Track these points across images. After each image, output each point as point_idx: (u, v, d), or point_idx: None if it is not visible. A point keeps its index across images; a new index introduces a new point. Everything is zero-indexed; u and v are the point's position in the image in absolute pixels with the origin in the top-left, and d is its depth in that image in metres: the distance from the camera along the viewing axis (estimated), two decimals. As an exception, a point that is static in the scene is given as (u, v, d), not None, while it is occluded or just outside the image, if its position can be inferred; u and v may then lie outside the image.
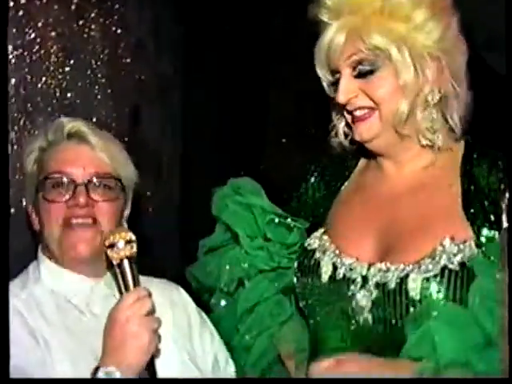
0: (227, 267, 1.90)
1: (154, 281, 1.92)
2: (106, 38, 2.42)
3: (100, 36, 2.39)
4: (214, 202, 1.94)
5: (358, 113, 1.70)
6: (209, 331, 1.93)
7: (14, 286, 1.75)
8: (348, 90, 1.68)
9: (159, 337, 1.64)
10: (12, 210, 2.06)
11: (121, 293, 1.67)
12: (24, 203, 1.93)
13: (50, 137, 1.81)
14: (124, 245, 1.66)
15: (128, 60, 2.48)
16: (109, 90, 2.43)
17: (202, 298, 1.96)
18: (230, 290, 1.90)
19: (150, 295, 1.65)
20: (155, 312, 1.65)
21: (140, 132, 2.54)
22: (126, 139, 2.45)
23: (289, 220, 1.89)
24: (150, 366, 1.62)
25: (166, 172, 2.62)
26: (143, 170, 2.52)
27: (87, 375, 1.55)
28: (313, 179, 1.94)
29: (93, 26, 2.37)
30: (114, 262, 1.67)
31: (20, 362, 1.49)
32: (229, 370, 1.92)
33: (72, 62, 2.32)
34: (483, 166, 1.69)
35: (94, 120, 2.35)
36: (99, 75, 2.40)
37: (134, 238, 1.68)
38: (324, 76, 1.75)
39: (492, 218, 1.62)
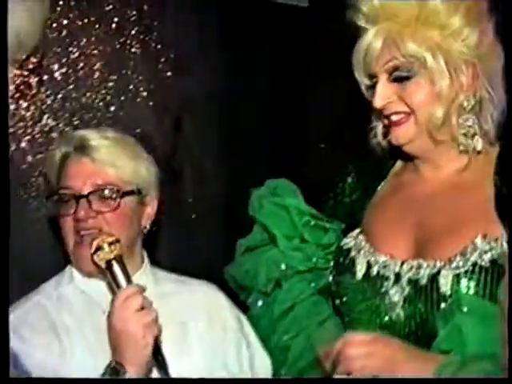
0: (264, 267, 1.91)
1: (192, 282, 1.98)
2: (147, 54, 2.46)
3: (140, 52, 2.42)
4: (251, 202, 1.96)
5: (394, 117, 1.72)
6: (245, 336, 1.94)
7: (49, 286, 1.86)
8: (384, 95, 1.70)
9: (160, 328, 1.68)
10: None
11: (114, 293, 1.72)
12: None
13: (62, 150, 1.84)
14: (108, 247, 1.71)
15: (168, 74, 2.50)
16: (150, 103, 2.47)
17: (240, 298, 1.98)
18: (267, 291, 1.91)
19: (142, 291, 1.69)
20: (150, 305, 1.69)
21: (182, 141, 2.57)
22: (169, 148, 2.52)
23: (325, 221, 1.91)
24: (157, 355, 1.67)
25: (210, 178, 2.64)
26: (186, 176, 2.58)
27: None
28: (350, 179, 1.95)
29: (133, 43, 2.41)
30: (103, 266, 1.72)
31: (40, 355, 1.58)
32: (266, 374, 1.93)
33: (114, 77, 2.39)
34: None
35: (138, 131, 2.39)
36: (141, 89, 2.43)
37: (115, 238, 1.73)
38: (361, 80, 1.76)
39: None
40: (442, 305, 1.62)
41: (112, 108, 2.38)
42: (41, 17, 1.28)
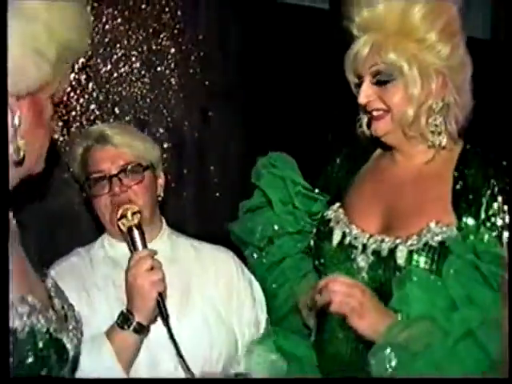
0: (261, 226, 2.10)
1: (207, 247, 2.17)
2: (179, 53, 2.60)
3: (173, 52, 2.59)
4: (254, 170, 2.13)
5: (374, 113, 1.90)
6: (251, 294, 2.10)
7: (82, 249, 2.10)
8: (367, 94, 1.88)
9: (165, 286, 1.86)
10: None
11: (132, 254, 1.89)
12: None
13: (84, 144, 2.03)
14: (131, 215, 1.91)
15: (197, 70, 2.66)
16: (181, 95, 2.63)
17: (241, 250, 2.16)
18: (261, 246, 2.10)
19: (153, 254, 1.86)
20: (160, 266, 1.86)
21: (208, 129, 2.71)
22: (196, 135, 2.71)
23: (314, 192, 2.09)
24: (160, 306, 1.84)
25: (232, 163, 2.80)
26: (211, 160, 2.75)
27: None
28: (339, 160, 2.13)
29: (167, 44, 2.57)
30: (124, 230, 1.91)
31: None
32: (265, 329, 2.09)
33: (150, 74, 2.56)
34: (472, 167, 1.86)
35: (169, 119, 2.61)
36: (173, 83, 2.61)
37: (138, 210, 1.92)
38: (351, 79, 1.94)
39: (473, 209, 1.82)
40: (397, 274, 1.81)
41: (148, 100, 2.56)
42: (86, 28, 1.45)
